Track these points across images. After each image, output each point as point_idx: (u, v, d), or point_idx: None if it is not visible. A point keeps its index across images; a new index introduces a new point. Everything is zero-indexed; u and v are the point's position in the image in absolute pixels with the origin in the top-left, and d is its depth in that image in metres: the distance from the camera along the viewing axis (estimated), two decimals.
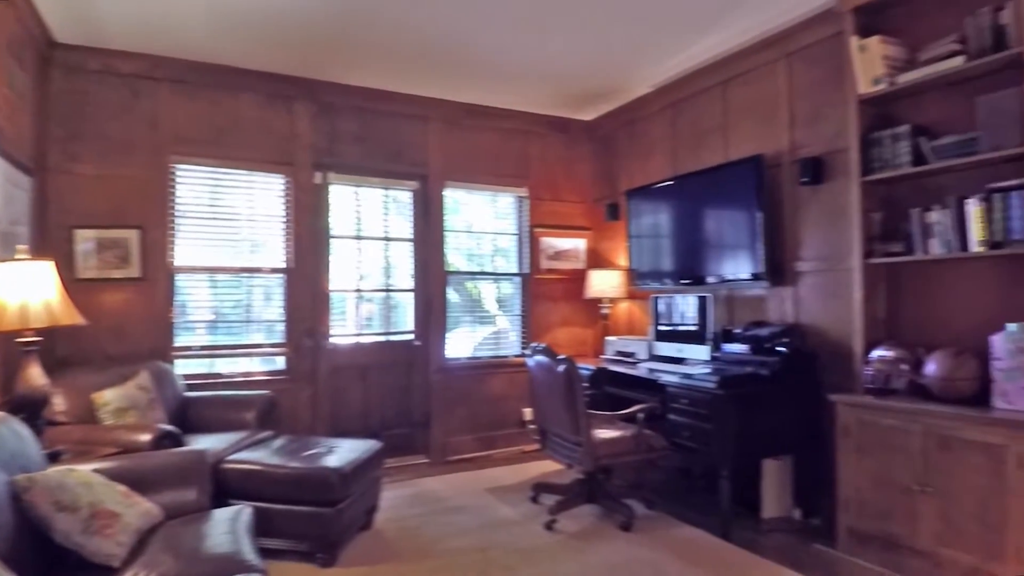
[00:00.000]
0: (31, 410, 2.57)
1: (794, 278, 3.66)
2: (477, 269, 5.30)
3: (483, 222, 5.34)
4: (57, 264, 2.79)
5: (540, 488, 3.86)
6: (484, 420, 5.08)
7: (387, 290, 4.91)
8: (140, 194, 3.95)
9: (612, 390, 4.31)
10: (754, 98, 3.94)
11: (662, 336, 4.38)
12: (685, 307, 4.19)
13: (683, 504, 3.73)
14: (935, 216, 2.77)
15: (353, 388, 4.69)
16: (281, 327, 4.45)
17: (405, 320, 4.98)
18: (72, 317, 2.70)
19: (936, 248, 2.77)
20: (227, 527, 2.16)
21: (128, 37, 3.69)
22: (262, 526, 2.80)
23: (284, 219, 4.45)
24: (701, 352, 3.97)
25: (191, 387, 3.89)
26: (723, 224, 4.03)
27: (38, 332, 2.64)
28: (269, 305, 4.48)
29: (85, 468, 2.14)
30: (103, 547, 1.86)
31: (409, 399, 4.90)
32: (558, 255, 5.44)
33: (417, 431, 4.90)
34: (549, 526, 3.37)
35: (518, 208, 5.39)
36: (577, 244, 5.52)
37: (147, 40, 3.74)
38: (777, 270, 3.70)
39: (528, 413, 5.14)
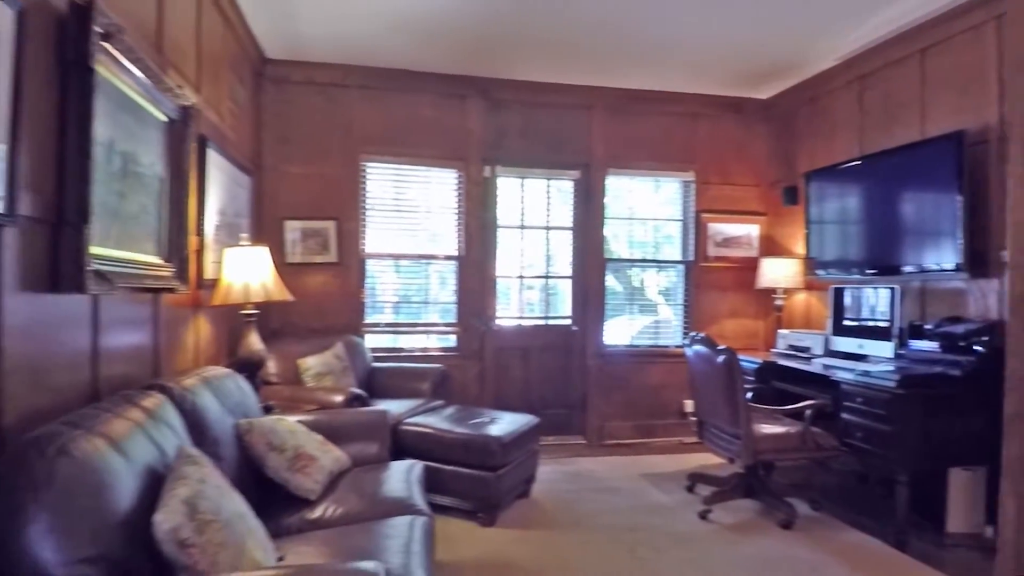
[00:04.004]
0: (250, 370, 3.12)
1: (1000, 269, 3.18)
2: (639, 256, 5.30)
3: (646, 208, 5.32)
4: (271, 250, 3.34)
5: (697, 478, 3.82)
6: (642, 408, 5.09)
7: (547, 277, 5.11)
8: (336, 189, 4.54)
9: (780, 385, 4.10)
10: (956, 67, 3.46)
11: (842, 330, 4.04)
12: (871, 299, 3.82)
13: (854, 509, 3.46)
14: None
15: (515, 367, 4.97)
16: (453, 309, 4.85)
17: (563, 306, 5.15)
18: (283, 294, 3.24)
19: None
20: (402, 477, 2.48)
21: (325, 50, 4.25)
22: (432, 483, 3.13)
23: (457, 210, 4.83)
24: (885, 349, 3.61)
25: (377, 358, 4.42)
26: (917, 209, 3.62)
27: (256, 306, 3.20)
28: (444, 289, 4.90)
29: (291, 419, 2.59)
30: (304, 483, 2.25)
31: (567, 381, 5.08)
32: (727, 242, 5.23)
33: (574, 412, 5.06)
34: (703, 515, 3.33)
35: (684, 193, 5.28)
36: (749, 230, 5.26)
37: (340, 51, 4.27)
38: (979, 260, 3.24)
39: (689, 405, 5.05)
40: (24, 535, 1.20)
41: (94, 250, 1.78)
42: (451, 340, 4.86)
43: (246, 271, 3.07)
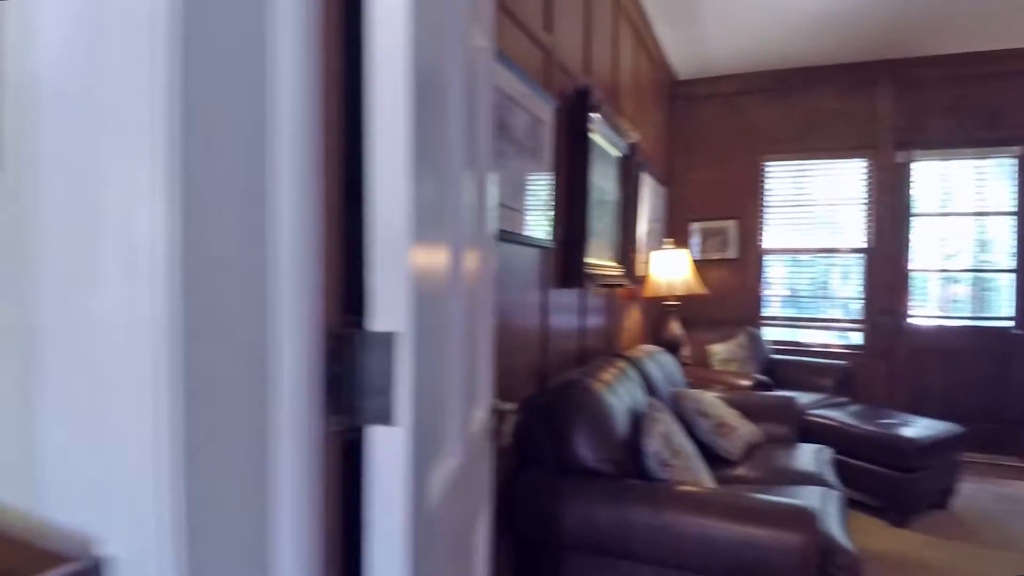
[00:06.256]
0: (672, 351, 3.75)
1: None
2: None
3: None
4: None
5: None
6: None
7: (979, 270, 4.49)
8: (737, 191, 4.90)
9: None
10: None
11: None
12: None
13: None
14: None
15: (934, 371, 4.53)
16: (858, 304, 4.70)
17: (1002, 304, 4.45)
18: (700, 289, 3.79)
19: None
20: (811, 457, 2.75)
21: (727, 63, 4.62)
22: (838, 473, 3.28)
23: (864, 201, 4.66)
24: None
25: (775, 351, 4.64)
26: None
27: (676, 299, 3.82)
28: (846, 283, 4.80)
29: (710, 394, 3.09)
30: (726, 446, 2.73)
31: (1004, 393, 4.38)
32: None
33: (1014, 430, 4.34)
34: None
35: None
36: None
37: (741, 62, 4.58)
38: None
39: None
40: (573, 440, 1.97)
41: (585, 259, 2.58)
42: (855, 337, 4.73)
43: (669, 269, 3.72)
